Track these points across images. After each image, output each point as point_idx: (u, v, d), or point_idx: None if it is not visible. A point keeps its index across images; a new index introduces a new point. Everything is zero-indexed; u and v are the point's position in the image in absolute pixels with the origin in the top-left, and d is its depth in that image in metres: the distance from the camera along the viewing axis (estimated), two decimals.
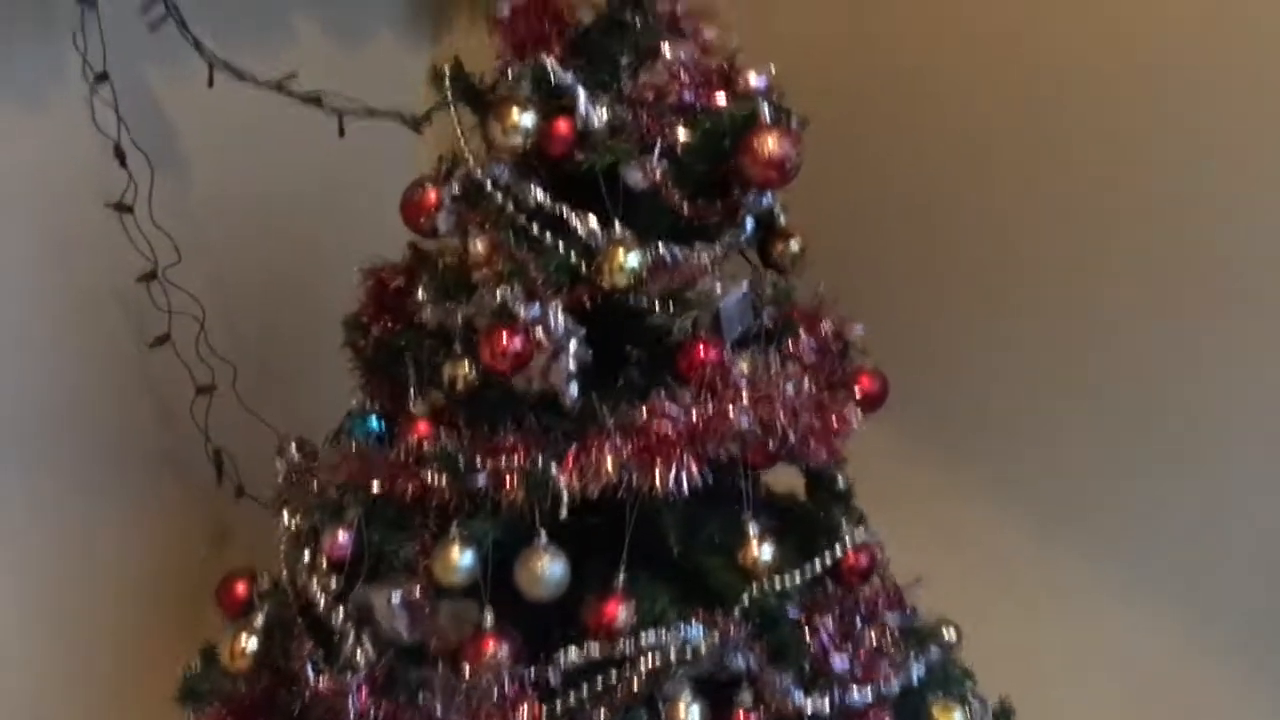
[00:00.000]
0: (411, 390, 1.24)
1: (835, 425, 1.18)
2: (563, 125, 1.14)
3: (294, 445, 1.35)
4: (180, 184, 1.43)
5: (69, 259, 1.40)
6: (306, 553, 1.24)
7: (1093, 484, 1.52)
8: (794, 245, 1.24)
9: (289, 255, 1.52)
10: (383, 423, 1.30)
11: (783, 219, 1.24)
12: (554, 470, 1.09)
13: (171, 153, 1.43)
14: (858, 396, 1.25)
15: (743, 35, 1.18)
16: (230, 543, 1.56)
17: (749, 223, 1.21)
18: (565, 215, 1.13)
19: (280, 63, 1.58)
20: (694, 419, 1.09)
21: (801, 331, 1.24)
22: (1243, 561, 1.45)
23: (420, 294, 1.20)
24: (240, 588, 1.33)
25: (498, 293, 1.10)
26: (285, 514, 1.30)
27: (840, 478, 1.27)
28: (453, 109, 1.18)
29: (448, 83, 1.20)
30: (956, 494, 1.59)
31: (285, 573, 1.27)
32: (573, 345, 1.12)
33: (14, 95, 1.32)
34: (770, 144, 1.11)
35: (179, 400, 1.46)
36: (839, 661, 1.16)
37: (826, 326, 1.26)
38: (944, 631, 1.32)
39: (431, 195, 1.20)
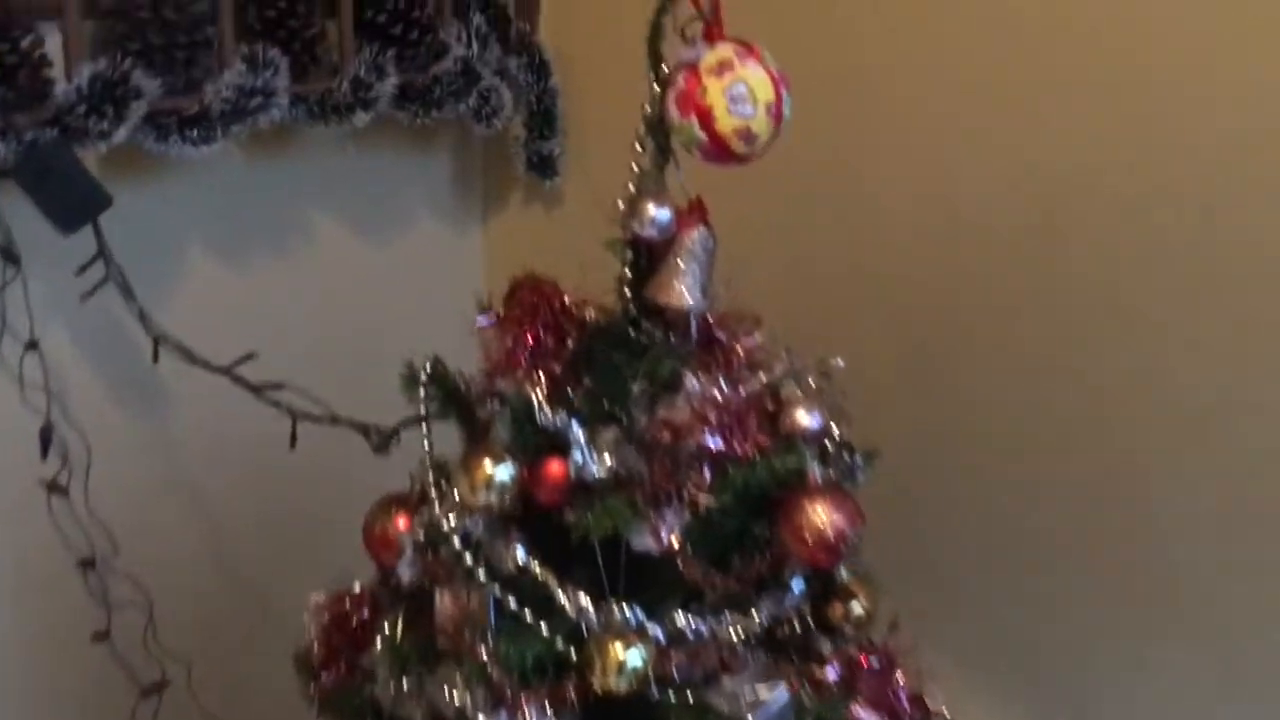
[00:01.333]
0: None
1: None
2: (554, 468, 0.88)
3: None
4: (122, 466, 1.22)
5: (3, 538, 1.20)
6: None
7: None
8: (857, 607, 0.96)
9: (246, 542, 1.30)
10: None
11: (844, 574, 0.97)
12: None
13: (114, 429, 1.22)
14: None
15: None
16: None
17: (797, 583, 0.94)
18: (551, 587, 0.87)
19: (294, 262, 1.40)
20: None
21: (867, 707, 0.96)
22: None
23: (377, 654, 0.96)
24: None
25: (455, 694, 0.85)
26: None
27: None
28: (425, 426, 0.94)
29: (422, 389, 0.96)
30: None
31: None
32: None
33: None
34: (819, 516, 0.84)
35: (123, 702, 1.24)
36: None
37: (897, 691, 0.98)
38: None
39: (398, 525, 0.96)
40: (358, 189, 1.47)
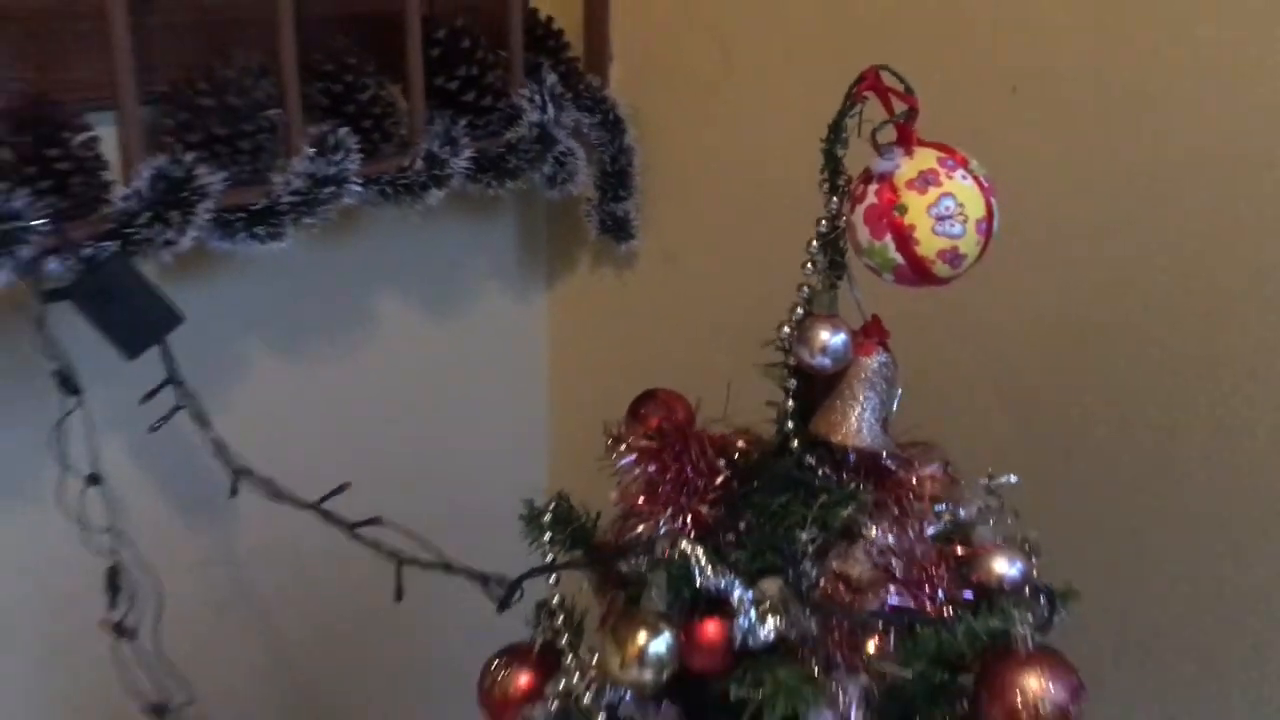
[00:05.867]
0: None
1: None
2: (712, 631, 0.76)
3: None
4: (195, 605, 1.11)
5: (60, 695, 1.08)
6: None
7: None
8: None
9: (346, 694, 1.17)
10: None
11: None
12: None
13: (185, 569, 1.10)
14: None
15: None
16: None
17: None
18: None
19: (359, 352, 1.28)
20: None
21: None
22: None
23: None
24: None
25: None
26: None
27: None
28: (553, 571, 0.83)
29: (547, 527, 0.85)
30: None
31: None
32: None
33: (11, 492, 1.03)
34: (1033, 690, 0.72)
35: None
36: None
37: None
38: None
39: (520, 692, 0.85)
40: (421, 266, 1.36)
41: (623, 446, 0.80)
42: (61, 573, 1.03)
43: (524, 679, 0.86)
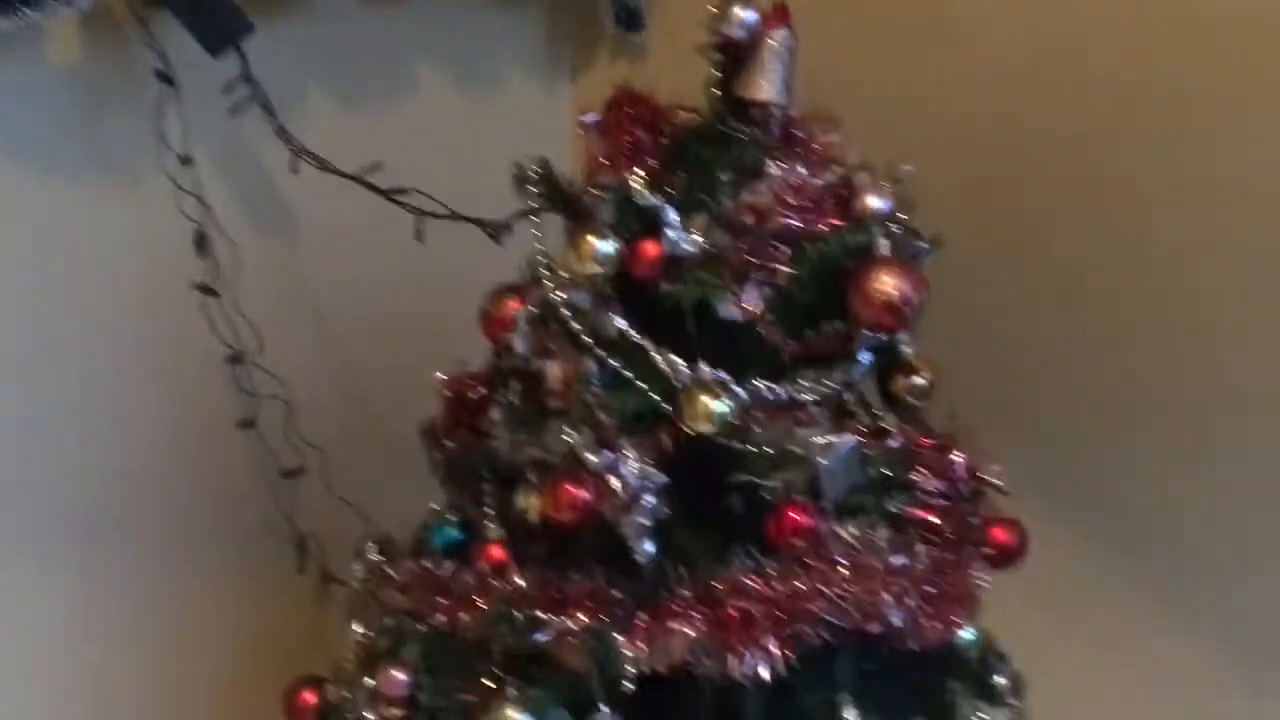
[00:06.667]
0: (486, 512, 1.15)
1: (955, 596, 1.03)
2: (650, 248, 1.00)
3: (375, 544, 1.28)
4: (267, 270, 1.37)
5: (157, 340, 1.35)
6: (367, 679, 1.17)
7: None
8: (919, 380, 1.08)
9: (380, 342, 1.45)
10: (463, 534, 1.22)
11: (907, 349, 1.08)
12: (621, 640, 0.98)
13: (258, 238, 1.37)
14: (987, 554, 1.09)
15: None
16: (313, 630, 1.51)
17: (865, 355, 1.06)
18: (648, 349, 1.00)
19: (401, 114, 1.52)
20: (778, 595, 0.96)
21: (926, 472, 1.09)
22: None
23: (494, 415, 1.11)
24: (308, 697, 1.27)
25: (566, 437, 0.99)
26: (355, 626, 1.23)
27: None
28: (537, 217, 1.07)
29: (534, 187, 1.09)
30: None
31: (348, 695, 1.21)
32: (649, 497, 1.00)
33: (102, 176, 1.28)
34: (886, 284, 0.95)
35: (264, 484, 1.42)
36: None
37: (956, 467, 1.10)
38: None
39: (511, 308, 1.10)
40: (451, 47, 1.56)
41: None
42: (160, 239, 1.31)
43: (514, 303, 1.11)
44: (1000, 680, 1.12)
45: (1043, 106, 1.33)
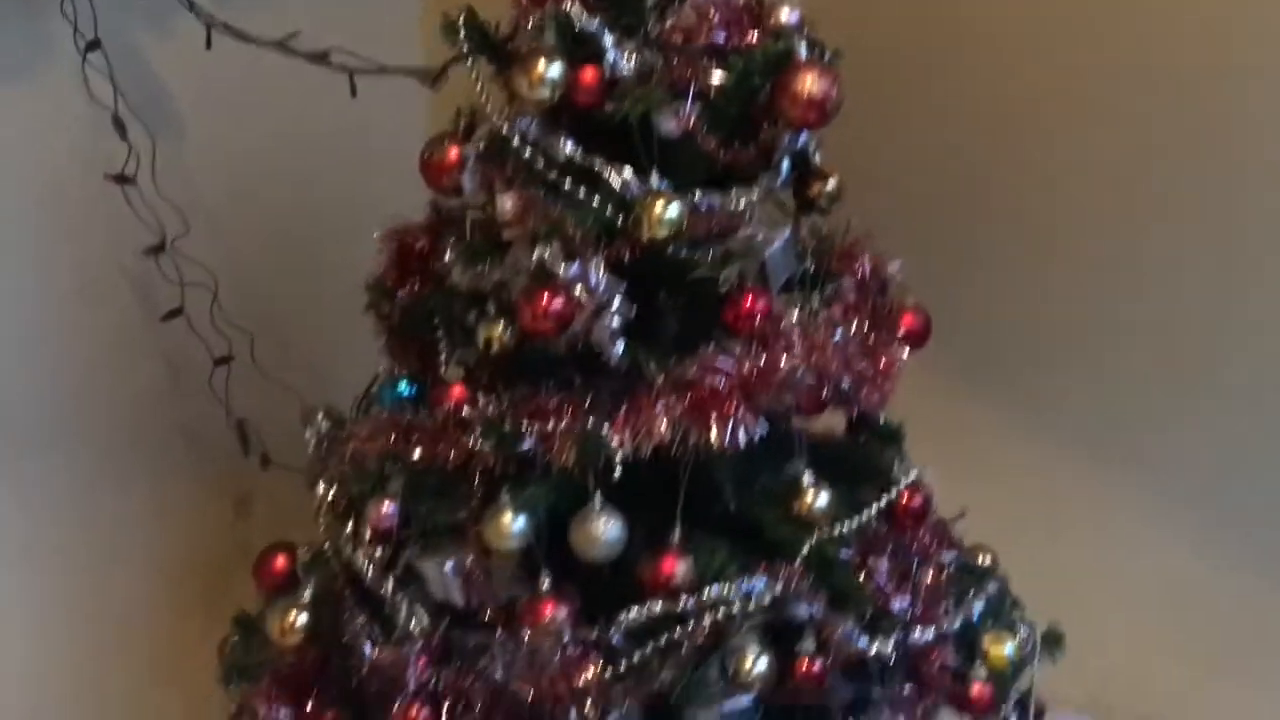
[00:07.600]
0: (443, 354, 1.22)
1: (884, 368, 1.16)
2: (589, 74, 1.09)
3: (321, 414, 1.32)
4: (183, 151, 1.37)
5: (72, 235, 1.34)
6: (349, 524, 1.22)
7: (1137, 413, 1.52)
8: (830, 185, 1.20)
9: (302, 218, 1.46)
10: (413, 387, 1.28)
11: (818, 158, 1.20)
12: (605, 431, 1.07)
13: (172, 119, 1.36)
14: (901, 335, 1.23)
15: None
16: (255, 512, 1.54)
17: (784, 165, 1.18)
18: (598, 168, 1.09)
19: (282, 20, 1.52)
20: (746, 371, 1.07)
21: (841, 271, 1.22)
22: None
23: (448, 255, 1.17)
24: (280, 561, 1.31)
25: (534, 252, 1.07)
26: (322, 485, 1.28)
27: (887, 418, 1.26)
28: (470, 61, 1.13)
29: (462, 34, 1.15)
30: (999, 428, 1.59)
31: (329, 545, 1.25)
32: (615, 302, 1.09)
33: (2, 69, 1.26)
34: (809, 83, 1.06)
35: (196, 374, 1.43)
36: (899, 603, 1.16)
37: (864, 265, 1.24)
38: (982, 557, 1.33)
39: (453, 153, 1.16)
40: None
41: None
42: (70, 128, 1.29)
43: (454, 151, 1.17)
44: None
45: None
